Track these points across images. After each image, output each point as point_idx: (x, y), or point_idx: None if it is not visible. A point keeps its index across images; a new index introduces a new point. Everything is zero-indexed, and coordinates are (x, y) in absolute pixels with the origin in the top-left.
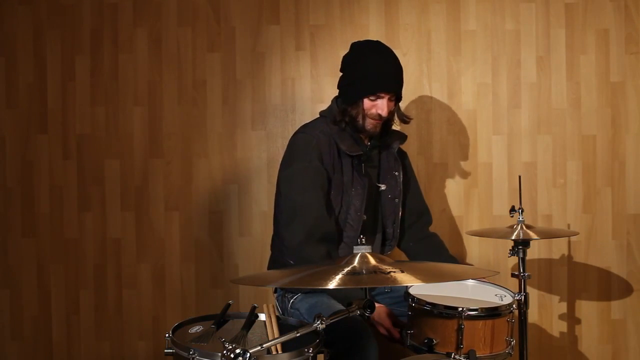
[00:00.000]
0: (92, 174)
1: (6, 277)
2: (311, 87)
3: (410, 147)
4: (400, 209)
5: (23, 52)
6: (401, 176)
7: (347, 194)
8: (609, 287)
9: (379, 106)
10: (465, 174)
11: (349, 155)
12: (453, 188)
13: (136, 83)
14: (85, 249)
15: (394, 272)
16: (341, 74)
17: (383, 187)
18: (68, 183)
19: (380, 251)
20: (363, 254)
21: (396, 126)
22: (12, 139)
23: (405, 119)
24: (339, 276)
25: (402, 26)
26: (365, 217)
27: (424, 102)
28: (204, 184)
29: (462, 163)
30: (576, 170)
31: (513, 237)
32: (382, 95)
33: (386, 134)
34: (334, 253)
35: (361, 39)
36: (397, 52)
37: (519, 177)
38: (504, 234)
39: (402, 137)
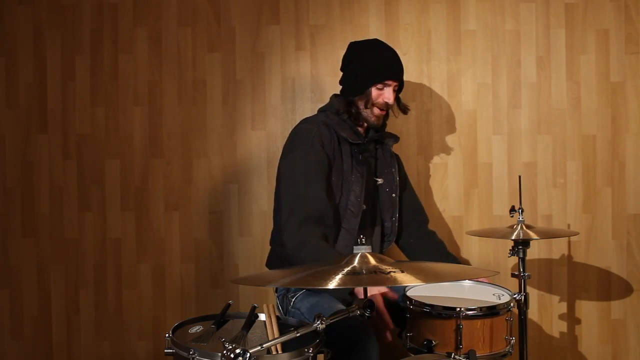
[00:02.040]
0: (92, 174)
1: (6, 277)
2: (311, 87)
3: (410, 147)
4: (398, 204)
5: (23, 52)
6: (397, 173)
7: (347, 181)
8: (609, 287)
9: (385, 95)
10: (465, 174)
11: (349, 143)
12: (453, 188)
13: (136, 83)
14: (85, 249)
15: (394, 272)
16: (342, 72)
17: (380, 180)
18: (68, 183)
19: (379, 246)
20: (363, 254)
21: (394, 126)
22: (12, 139)
23: (405, 109)
24: (339, 276)
25: (402, 26)
26: (365, 206)
27: (424, 102)
28: (204, 184)
29: (462, 163)
30: (576, 170)
31: (513, 237)
32: (389, 83)
33: (382, 129)
34: (330, 237)
35: (361, 39)
36: (397, 52)
37: (519, 177)
38: (504, 234)
39: (396, 137)
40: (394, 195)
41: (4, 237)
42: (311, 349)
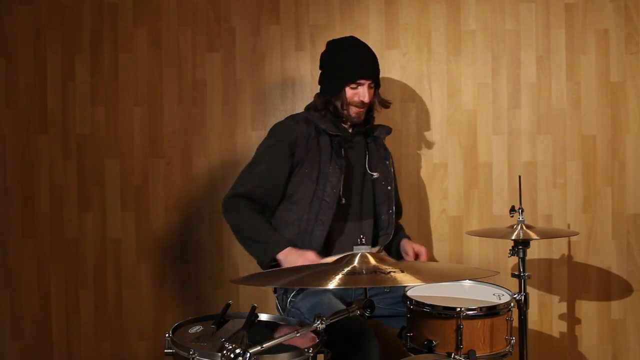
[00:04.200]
0: (92, 174)
1: (6, 277)
2: (311, 87)
3: (410, 147)
4: (394, 196)
5: (23, 52)
6: (391, 165)
7: (323, 173)
8: (609, 287)
9: (360, 94)
10: (465, 174)
11: (328, 135)
12: (453, 188)
13: (136, 83)
14: (85, 249)
15: (394, 272)
16: (320, 71)
17: (376, 175)
18: (68, 183)
19: (372, 241)
20: (363, 254)
21: (381, 119)
22: (12, 139)
23: (386, 104)
24: (339, 276)
25: (402, 26)
26: (344, 199)
27: (424, 102)
28: (204, 184)
29: (462, 163)
30: (576, 170)
31: (513, 237)
32: (362, 82)
33: (370, 123)
34: (251, 213)
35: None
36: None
37: (519, 177)
38: (504, 234)
39: (388, 129)
40: (389, 187)
41: (4, 237)
42: (311, 349)
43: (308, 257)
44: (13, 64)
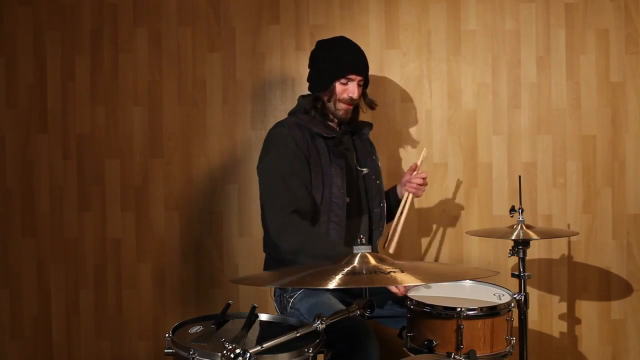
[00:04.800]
0: (92, 174)
1: (6, 277)
2: None
3: (410, 147)
4: (384, 189)
5: (23, 52)
6: (377, 159)
7: (327, 175)
8: (609, 287)
9: (349, 90)
10: (465, 174)
11: (323, 137)
12: (453, 188)
13: (136, 83)
14: (85, 249)
15: (394, 272)
16: (309, 70)
17: (365, 170)
18: (68, 183)
19: (368, 236)
20: (363, 254)
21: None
22: (12, 139)
23: (372, 105)
24: (339, 276)
25: (402, 26)
26: (348, 198)
27: (424, 102)
28: (204, 184)
29: (462, 163)
30: (576, 170)
31: (513, 237)
32: (352, 77)
33: (355, 121)
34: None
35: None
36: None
37: (519, 177)
38: (504, 234)
39: (370, 125)
40: (378, 182)
41: (4, 237)
42: (311, 349)
43: None
44: (13, 64)
